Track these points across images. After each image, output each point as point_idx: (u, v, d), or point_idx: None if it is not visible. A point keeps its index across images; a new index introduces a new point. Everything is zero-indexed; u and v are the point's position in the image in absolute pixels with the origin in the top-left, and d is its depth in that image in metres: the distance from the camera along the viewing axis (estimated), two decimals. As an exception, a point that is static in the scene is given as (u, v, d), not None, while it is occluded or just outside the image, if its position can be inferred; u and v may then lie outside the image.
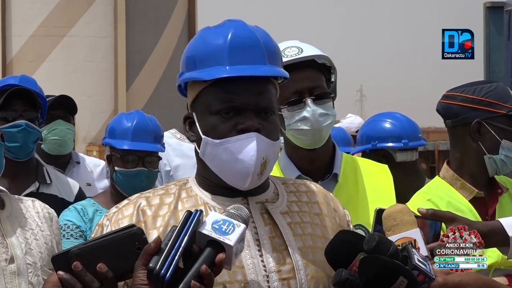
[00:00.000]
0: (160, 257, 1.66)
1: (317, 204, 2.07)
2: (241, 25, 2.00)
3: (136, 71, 20.59)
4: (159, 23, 21.09)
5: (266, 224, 1.97)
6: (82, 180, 4.40)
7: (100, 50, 20.57)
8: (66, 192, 3.95)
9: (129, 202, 2.01)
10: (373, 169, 2.89)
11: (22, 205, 2.74)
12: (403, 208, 1.98)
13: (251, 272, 1.91)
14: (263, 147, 1.92)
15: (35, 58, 20.17)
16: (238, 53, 1.94)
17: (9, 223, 2.64)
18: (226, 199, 1.98)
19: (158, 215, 1.96)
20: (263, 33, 2.01)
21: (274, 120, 1.98)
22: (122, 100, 20.37)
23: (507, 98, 3.06)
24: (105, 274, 1.69)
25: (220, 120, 1.94)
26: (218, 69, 1.94)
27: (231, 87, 1.94)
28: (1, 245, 2.58)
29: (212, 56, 1.96)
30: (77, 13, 20.23)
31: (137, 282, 1.68)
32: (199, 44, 2.00)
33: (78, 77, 19.97)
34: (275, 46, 2.03)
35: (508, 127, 3.02)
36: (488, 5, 14.15)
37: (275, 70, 1.98)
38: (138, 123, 3.66)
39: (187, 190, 2.02)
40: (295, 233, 1.98)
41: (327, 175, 2.78)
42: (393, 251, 1.78)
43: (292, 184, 2.10)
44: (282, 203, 2.03)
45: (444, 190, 3.06)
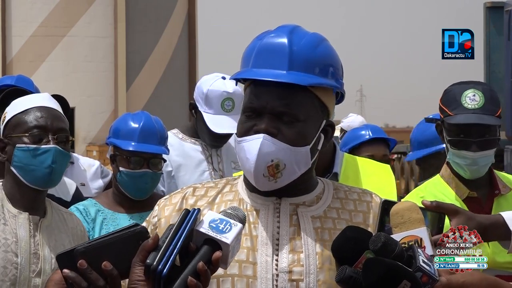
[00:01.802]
0: (158, 254, 1.66)
1: (362, 213, 2.06)
2: (282, 30, 2.01)
3: (136, 71, 20.60)
4: (159, 23, 21.11)
5: (291, 226, 1.98)
6: (77, 180, 4.39)
7: (100, 50, 20.58)
8: (63, 191, 3.95)
9: (180, 190, 2.09)
10: (375, 169, 2.89)
11: (61, 216, 2.75)
12: (411, 205, 1.97)
13: (262, 269, 1.93)
14: (271, 149, 1.93)
15: (35, 58, 20.17)
16: (262, 57, 1.98)
17: (46, 233, 2.65)
18: (260, 197, 2.01)
19: (196, 205, 2.02)
20: (304, 40, 2.00)
21: (298, 127, 1.97)
22: (122, 100, 20.39)
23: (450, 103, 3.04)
24: (110, 272, 1.69)
25: (244, 119, 1.99)
26: (244, 70, 2.01)
27: (255, 89, 1.98)
28: (34, 255, 2.59)
29: (246, 58, 2.02)
30: (77, 13, 20.24)
31: (134, 278, 1.68)
32: (248, 46, 2.06)
33: (78, 77, 19.98)
34: (314, 55, 2.00)
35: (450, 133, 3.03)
36: (488, 5, 14.18)
37: (293, 77, 1.96)
38: (144, 125, 3.65)
39: (232, 185, 2.07)
40: (319, 238, 1.98)
41: (327, 175, 2.77)
42: (398, 252, 1.78)
43: (344, 191, 2.10)
44: (320, 207, 2.03)
45: (440, 189, 3.08)
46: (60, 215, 2.75)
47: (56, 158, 2.63)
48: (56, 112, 2.73)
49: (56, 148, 2.63)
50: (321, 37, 2.05)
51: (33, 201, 2.66)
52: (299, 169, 1.99)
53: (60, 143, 2.66)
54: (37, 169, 2.62)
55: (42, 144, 2.63)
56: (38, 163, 2.62)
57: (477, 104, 2.99)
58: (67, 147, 2.71)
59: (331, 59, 2.04)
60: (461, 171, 3.03)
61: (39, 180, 2.63)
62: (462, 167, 3.02)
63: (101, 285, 1.70)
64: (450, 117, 3.01)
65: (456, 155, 3.01)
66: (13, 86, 3.81)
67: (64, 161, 2.68)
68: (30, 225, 2.62)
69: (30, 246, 2.59)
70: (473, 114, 2.97)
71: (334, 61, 2.04)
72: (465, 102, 3.00)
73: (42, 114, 2.66)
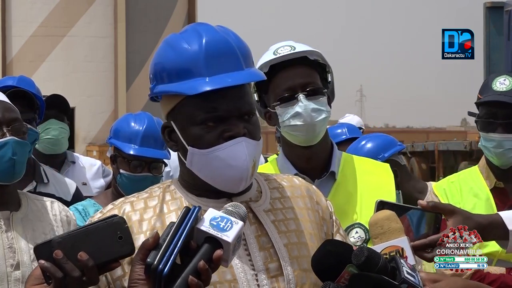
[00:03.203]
0: (158, 252, 1.65)
1: (300, 198, 2.08)
2: (211, 30, 1.98)
3: (136, 71, 20.58)
4: (159, 23, 21.10)
5: (252, 224, 1.98)
6: (78, 180, 4.39)
7: (100, 50, 20.56)
8: (63, 191, 3.94)
9: (113, 207, 2.02)
10: (374, 168, 2.88)
11: (41, 206, 2.71)
12: (390, 215, 1.97)
13: (240, 272, 1.92)
14: (252, 149, 1.93)
15: (35, 58, 20.16)
16: (214, 62, 1.93)
17: (21, 226, 2.61)
18: (211, 201, 1.98)
19: (144, 219, 1.97)
20: (233, 34, 2.00)
21: (255, 120, 1.99)
22: (122, 100, 20.37)
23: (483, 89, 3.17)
24: (85, 262, 1.68)
25: (205, 130, 1.94)
26: (197, 82, 1.92)
27: (212, 96, 1.93)
28: (10, 249, 2.56)
29: (189, 68, 1.93)
30: (77, 13, 20.23)
31: (134, 277, 1.67)
32: (170, 54, 1.97)
33: (78, 77, 19.96)
34: (246, 46, 2.01)
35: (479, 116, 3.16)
36: (488, 5, 14.16)
37: (252, 74, 1.98)
38: (147, 128, 3.60)
39: (171, 193, 2.02)
40: (279, 231, 1.99)
41: (324, 173, 2.77)
42: (382, 264, 1.76)
43: (274, 180, 2.11)
44: (266, 201, 2.04)
45: (472, 176, 3.21)
46: (39, 205, 2.70)
47: (15, 149, 2.58)
48: (5, 103, 2.67)
49: (13, 139, 2.58)
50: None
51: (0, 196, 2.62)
52: (259, 163, 2.00)
53: (17, 134, 2.61)
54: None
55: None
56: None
57: (506, 87, 3.11)
58: (25, 137, 2.65)
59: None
60: (489, 154, 3.14)
61: (2, 174, 2.58)
62: (490, 150, 3.12)
63: (76, 276, 1.68)
64: (480, 99, 3.15)
65: (484, 138, 3.13)
66: (15, 87, 3.81)
67: (24, 151, 2.63)
68: (0, 221, 2.58)
69: (3, 241, 2.56)
70: (500, 95, 3.09)
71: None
72: (494, 86, 3.13)
73: None
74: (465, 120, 68.39)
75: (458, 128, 52.68)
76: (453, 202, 3.12)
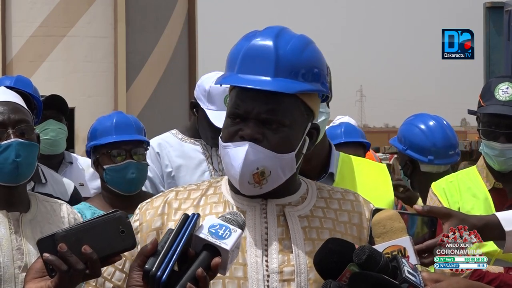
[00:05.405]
0: (157, 259, 1.66)
1: (347, 212, 2.07)
2: (268, 33, 1.99)
3: (136, 71, 20.58)
4: (159, 23, 21.10)
5: (279, 226, 1.99)
6: (75, 180, 4.38)
7: (100, 50, 20.57)
8: (61, 191, 3.94)
9: (161, 194, 2.08)
10: (371, 168, 2.88)
11: (50, 207, 2.71)
12: (393, 214, 1.96)
13: (253, 270, 1.93)
14: (257, 157, 1.92)
15: (35, 58, 20.17)
16: (247, 62, 1.96)
17: (30, 228, 2.62)
18: (245, 199, 2.01)
19: (180, 208, 2.01)
20: (291, 44, 1.97)
21: (283, 132, 1.96)
22: (122, 100, 20.38)
23: (485, 94, 3.16)
24: (89, 255, 1.69)
25: (229, 123, 1.99)
26: (229, 75, 1.99)
27: (241, 94, 1.96)
28: (18, 251, 2.56)
29: (231, 61, 2.00)
30: (77, 13, 20.24)
31: (132, 283, 1.68)
32: (233, 46, 2.04)
33: (78, 77, 19.97)
34: (300, 60, 1.97)
35: (482, 124, 3.17)
36: (488, 5, 14.17)
37: (279, 85, 1.94)
38: (118, 119, 3.71)
39: (216, 187, 2.07)
40: (307, 237, 1.99)
41: (323, 175, 2.77)
42: (383, 264, 1.76)
43: (327, 191, 2.11)
44: (306, 207, 2.04)
45: (470, 177, 3.22)
46: (48, 207, 2.71)
47: (19, 151, 2.58)
48: (13, 104, 2.66)
49: (17, 141, 2.58)
50: (307, 40, 2.02)
51: (8, 198, 2.62)
52: (284, 175, 1.98)
53: (22, 135, 2.60)
54: (3, 166, 2.57)
55: (2, 140, 2.58)
56: (2, 160, 2.57)
57: (509, 97, 3.10)
58: (32, 137, 2.64)
59: (317, 63, 2.01)
60: (491, 161, 3.15)
61: (7, 176, 2.59)
62: (491, 158, 3.13)
63: (81, 269, 1.69)
64: (482, 107, 3.15)
65: (486, 146, 3.13)
66: (11, 87, 3.80)
67: (30, 152, 2.62)
68: (9, 222, 2.59)
69: (12, 243, 2.56)
70: (503, 106, 3.09)
71: (320, 64, 2.02)
72: (497, 94, 3.12)
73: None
74: (464, 120, 68.42)
75: (458, 128, 52.69)
76: (453, 202, 3.12)
